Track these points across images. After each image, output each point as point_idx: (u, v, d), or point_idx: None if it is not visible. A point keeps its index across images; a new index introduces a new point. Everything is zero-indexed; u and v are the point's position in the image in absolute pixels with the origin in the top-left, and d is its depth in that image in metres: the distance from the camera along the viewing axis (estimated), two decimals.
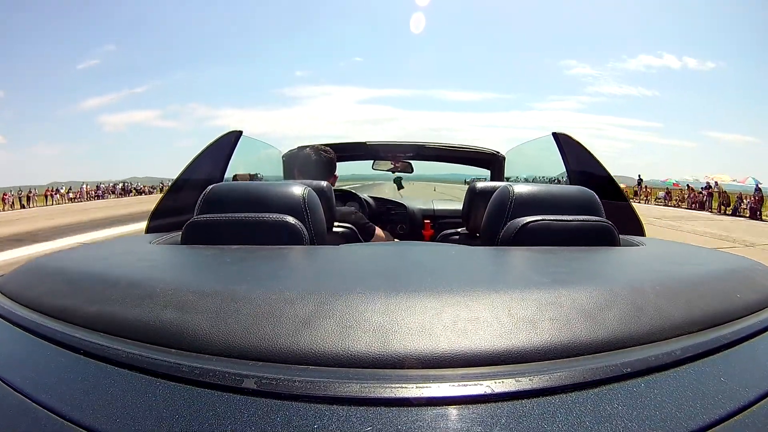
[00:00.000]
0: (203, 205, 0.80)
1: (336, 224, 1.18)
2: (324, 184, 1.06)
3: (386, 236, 1.59)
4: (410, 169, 2.35)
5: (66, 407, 0.31)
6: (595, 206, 0.86)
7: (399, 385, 0.31)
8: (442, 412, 0.29)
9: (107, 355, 0.36)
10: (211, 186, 0.84)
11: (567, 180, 1.42)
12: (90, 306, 0.44)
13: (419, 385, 0.31)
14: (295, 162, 1.60)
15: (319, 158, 1.52)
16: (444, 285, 0.45)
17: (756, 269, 0.59)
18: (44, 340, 0.40)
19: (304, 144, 1.89)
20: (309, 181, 0.99)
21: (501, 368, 0.33)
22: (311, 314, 0.38)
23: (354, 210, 1.47)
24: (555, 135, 1.37)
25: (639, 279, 0.52)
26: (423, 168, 2.42)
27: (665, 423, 0.29)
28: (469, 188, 1.23)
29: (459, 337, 0.35)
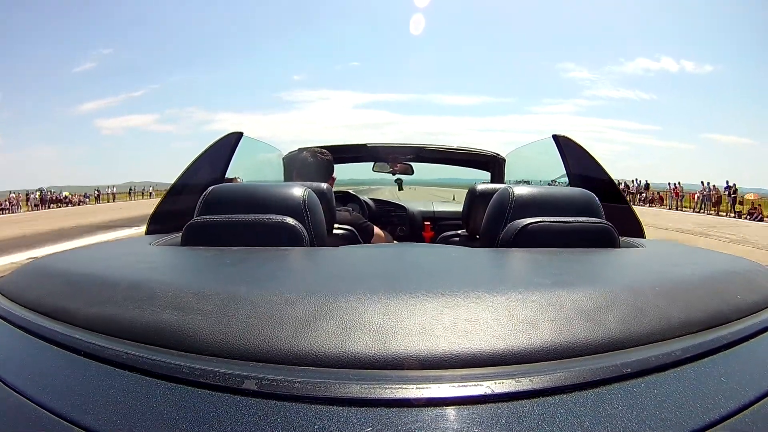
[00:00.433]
0: (203, 207, 0.80)
1: (336, 226, 1.18)
2: (324, 186, 1.06)
3: (385, 236, 1.59)
4: (410, 171, 2.35)
5: (66, 408, 0.31)
6: (595, 208, 0.86)
7: (399, 386, 0.31)
8: (442, 413, 0.29)
9: (107, 356, 0.36)
10: (212, 187, 0.84)
11: (567, 182, 1.42)
12: (90, 307, 0.44)
13: (419, 386, 0.31)
14: (294, 165, 1.60)
15: (317, 161, 1.52)
16: (444, 286, 0.45)
17: (756, 270, 0.59)
18: (44, 341, 0.40)
19: (301, 147, 1.89)
20: (309, 183, 0.99)
21: (501, 369, 0.33)
22: (311, 315, 0.38)
23: (351, 211, 1.48)
24: (555, 137, 1.37)
25: (639, 280, 0.52)
26: (421, 172, 2.42)
27: (665, 423, 0.29)
28: (469, 190, 1.24)
29: (459, 338, 0.35)
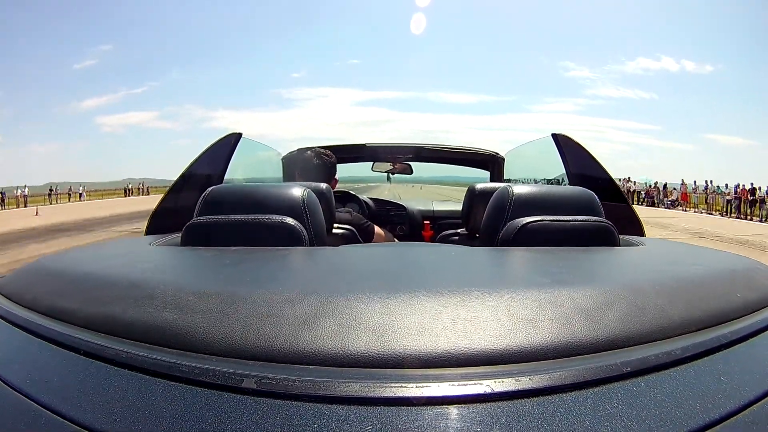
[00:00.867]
0: (203, 207, 0.80)
1: (336, 225, 1.18)
2: (323, 186, 1.06)
3: (386, 235, 1.59)
4: (410, 171, 2.35)
5: (66, 407, 0.31)
6: (595, 206, 0.86)
7: (399, 385, 0.31)
8: (442, 412, 0.29)
9: (107, 356, 0.36)
10: (211, 188, 0.84)
11: (566, 181, 1.42)
12: (90, 307, 0.44)
13: (419, 385, 0.31)
14: (296, 165, 1.60)
15: (321, 162, 1.52)
16: (444, 285, 0.45)
17: (756, 268, 0.59)
18: (44, 341, 0.40)
19: (301, 146, 1.88)
20: (308, 183, 1.00)
21: (501, 368, 0.33)
22: (311, 314, 0.38)
23: (352, 212, 1.47)
24: (554, 136, 1.37)
25: (639, 279, 0.52)
26: (420, 170, 2.42)
27: (665, 422, 0.29)
28: (469, 189, 1.24)
29: (459, 337, 0.35)
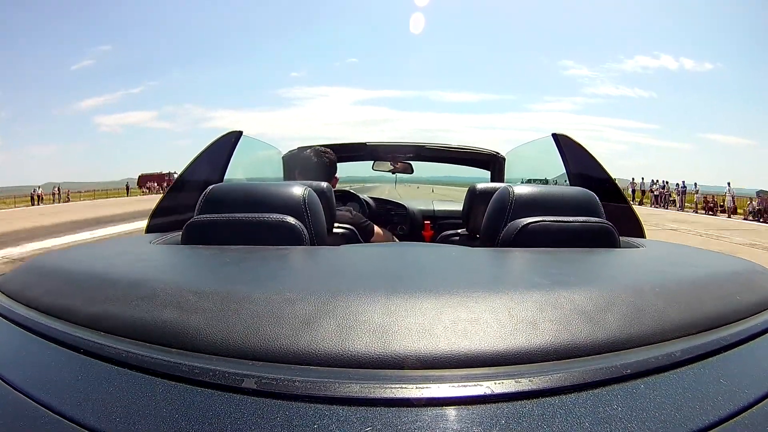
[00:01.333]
0: (203, 206, 0.80)
1: (336, 225, 1.18)
2: (324, 185, 1.06)
3: (386, 234, 1.58)
4: (410, 170, 2.35)
5: (66, 406, 0.31)
6: (595, 207, 0.86)
7: (399, 386, 0.31)
8: (442, 413, 0.29)
9: (107, 355, 0.36)
10: (212, 186, 0.84)
11: (567, 181, 1.42)
12: (90, 305, 0.44)
13: (419, 386, 0.31)
14: (296, 164, 1.60)
15: (320, 160, 1.51)
16: (444, 286, 0.45)
17: (756, 271, 0.59)
18: (45, 339, 0.40)
19: (302, 145, 1.88)
20: (309, 182, 0.99)
21: (501, 369, 0.33)
22: (311, 314, 0.38)
23: (353, 211, 1.47)
24: (555, 136, 1.37)
25: (639, 280, 0.52)
26: (420, 170, 2.41)
27: (665, 424, 0.29)
28: (469, 189, 1.23)
29: (459, 338, 0.35)
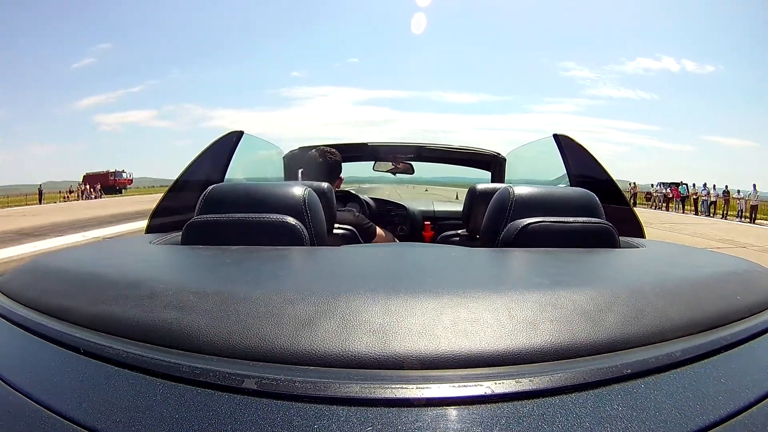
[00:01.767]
0: (203, 206, 0.80)
1: (336, 225, 1.18)
2: (324, 185, 1.06)
3: (388, 236, 1.58)
4: (411, 170, 2.35)
5: (66, 407, 0.31)
6: (596, 208, 0.86)
7: (399, 386, 0.31)
8: (443, 413, 0.29)
9: (107, 355, 0.36)
10: (212, 186, 0.84)
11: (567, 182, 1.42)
12: (90, 306, 0.44)
13: (419, 386, 0.31)
14: (300, 164, 1.59)
15: (325, 161, 1.51)
16: (444, 286, 0.45)
17: (756, 271, 0.59)
18: (44, 340, 0.40)
19: (302, 145, 1.87)
20: (309, 182, 1.00)
21: (501, 369, 0.33)
22: (311, 315, 0.38)
23: (355, 212, 1.47)
24: (556, 137, 1.37)
25: (639, 281, 0.52)
26: (420, 171, 2.42)
27: (665, 424, 0.29)
28: (470, 190, 1.24)
29: (459, 338, 0.36)
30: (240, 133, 1.31)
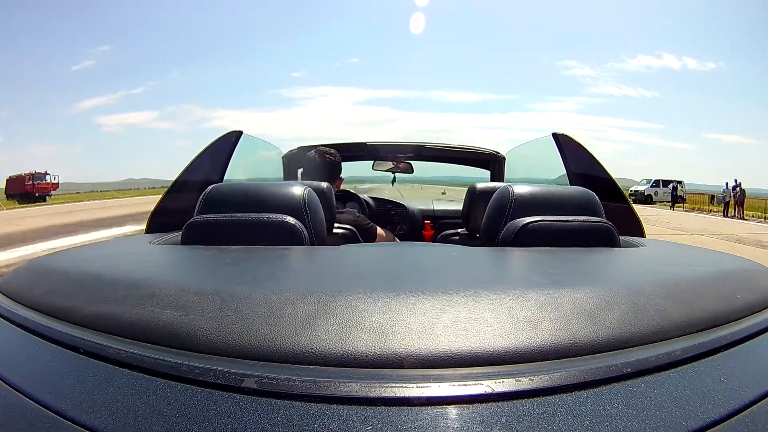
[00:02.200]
0: (203, 206, 0.80)
1: (336, 225, 1.18)
2: (324, 185, 1.06)
3: (388, 236, 1.58)
4: (410, 170, 2.35)
5: (66, 407, 0.31)
6: (595, 207, 0.86)
7: (399, 385, 0.31)
8: (442, 412, 0.29)
9: (107, 355, 0.36)
10: (211, 186, 0.84)
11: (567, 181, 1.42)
12: (90, 306, 0.44)
13: (419, 385, 0.31)
14: (299, 164, 1.59)
15: (325, 161, 1.51)
16: (444, 285, 0.45)
17: (756, 270, 0.59)
18: (45, 340, 0.40)
19: (303, 145, 1.87)
20: (309, 182, 1.00)
21: (501, 368, 0.34)
22: (311, 314, 0.38)
23: (356, 212, 1.47)
24: (555, 135, 1.37)
25: (639, 279, 0.52)
26: (419, 170, 2.42)
27: (665, 423, 0.29)
28: (469, 189, 1.24)
29: (459, 338, 0.36)
30: (239, 133, 1.31)
